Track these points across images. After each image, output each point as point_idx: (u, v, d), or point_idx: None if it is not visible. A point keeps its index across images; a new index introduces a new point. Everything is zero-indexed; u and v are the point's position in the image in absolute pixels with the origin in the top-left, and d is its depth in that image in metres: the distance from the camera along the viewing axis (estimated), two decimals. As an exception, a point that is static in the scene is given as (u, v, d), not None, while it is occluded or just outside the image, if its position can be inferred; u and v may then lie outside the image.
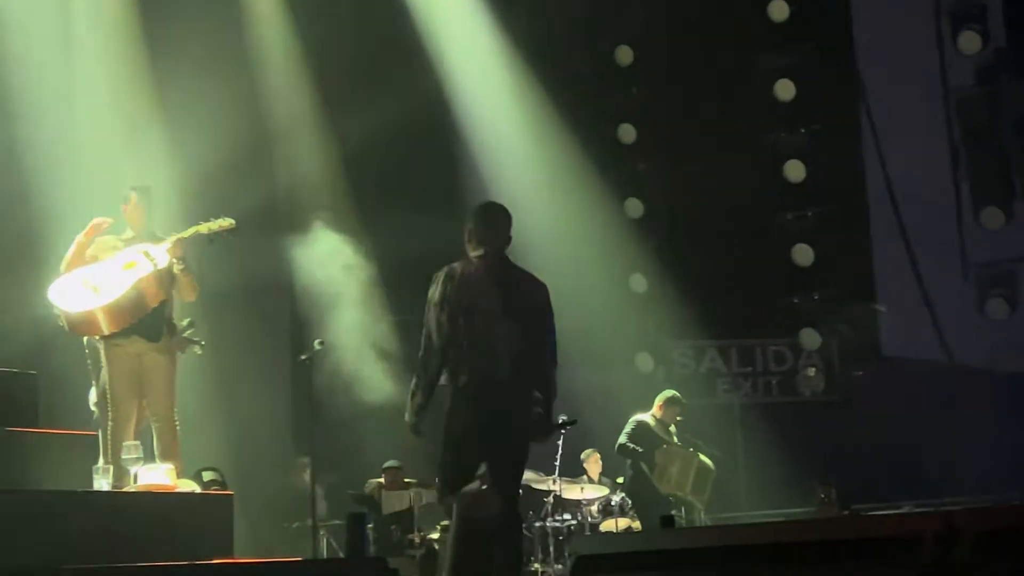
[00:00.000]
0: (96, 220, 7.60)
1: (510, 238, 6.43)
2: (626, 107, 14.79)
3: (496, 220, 6.42)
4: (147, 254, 7.47)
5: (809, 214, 14.32)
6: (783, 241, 14.48)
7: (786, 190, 14.47)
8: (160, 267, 7.44)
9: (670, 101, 14.75)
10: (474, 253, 6.37)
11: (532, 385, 6.25)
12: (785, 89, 14.33)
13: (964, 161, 14.00)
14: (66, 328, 7.42)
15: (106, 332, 7.40)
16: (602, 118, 14.75)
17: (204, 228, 7.67)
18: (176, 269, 7.56)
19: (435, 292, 6.29)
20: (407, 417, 6.39)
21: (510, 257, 6.49)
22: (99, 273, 7.41)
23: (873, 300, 14.84)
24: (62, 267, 7.51)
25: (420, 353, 6.34)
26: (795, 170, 14.34)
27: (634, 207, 14.72)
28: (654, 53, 14.87)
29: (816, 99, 14.59)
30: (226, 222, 7.71)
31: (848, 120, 15.05)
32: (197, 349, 8.29)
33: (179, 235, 7.63)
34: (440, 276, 6.32)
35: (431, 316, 6.28)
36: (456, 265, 6.33)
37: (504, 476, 6.15)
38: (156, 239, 7.68)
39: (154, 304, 7.52)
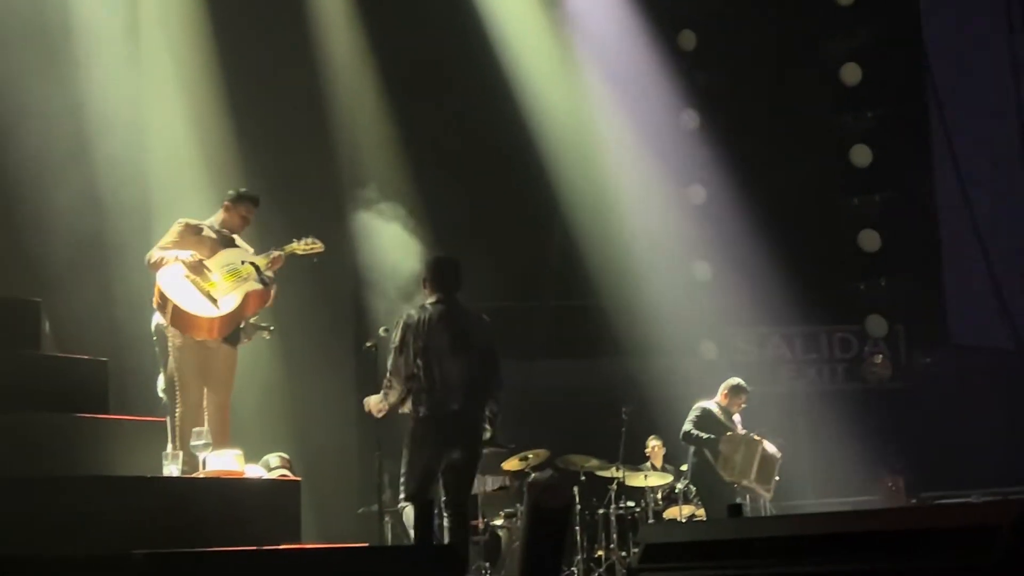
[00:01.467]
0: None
1: (459, 283, 7.57)
2: (689, 92, 14.71)
3: (445, 271, 7.59)
4: (254, 267, 7.57)
5: (876, 199, 14.18)
6: (849, 226, 14.37)
7: (852, 175, 14.35)
8: (267, 284, 7.61)
9: (734, 86, 14.64)
10: (428, 300, 7.53)
11: (481, 410, 7.45)
12: (851, 73, 14.20)
13: (1034, 144, 13.80)
14: (166, 320, 7.47)
15: (211, 337, 7.52)
16: (664, 104, 14.67)
17: (300, 249, 7.89)
18: (271, 284, 7.72)
19: (395, 336, 7.45)
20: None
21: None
22: (209, 277, 7.48)
23: (942, 285, 14.67)
24: (152, 261, 7.56)
25: (383, 388, 7.54)
26: (861, 154, 14.22)
27: (697, 193, 14.65)
28: (717, 38, 14.78)
29: (882, 83, 14.45)
30: (317, 245, 7.94)
31: (915, 103, 14.90)
32: (266, 334, 8.38)
33: (276, 252, 7.76)
34: (400, 322, 7.44)
35: (392, 358, 7.45)
36: (412, 312, 7.48)
37: (458, 487, 7.43)
38: (244, 247, 7.78)
39: (248, 315, 7.72)
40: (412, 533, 6.94)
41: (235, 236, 7.84)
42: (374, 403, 7.64)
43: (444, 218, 12.77)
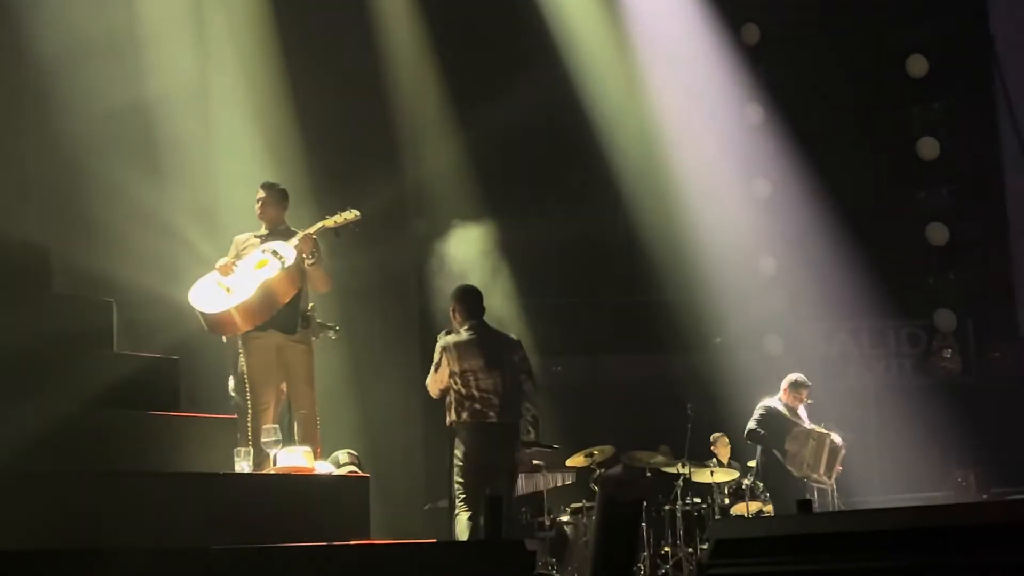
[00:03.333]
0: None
1: (484, 309, 8.44)
2: (753, 86, 14.62)
3: (472, 300, 8.44)
4: (276, 253, 7.65)
5: (943, 192, 14.04)
6: (917, 220, 14.23)
7: (919, 167, 14.21)
8: (288, 264, 7.61)
9: (798, 79, 14.53)
10: (462, 327, 8.32)
11: (516, 419, 8.29)
12: (918, 64, 14.06)
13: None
14: (206, 328, 7.65)
15: (242, 330, 7.64)
16: (729, 98, 14.60)
17: (331, 222, 7.88)
18: (306, 264, 7.72)
19: (436, 358, 8.29)
20: None
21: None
22: (235, 273, 7.62)
23: (1011, 279, 14.49)
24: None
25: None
26: (929, 147, 14.08)
27: (762, 187, 14.57)
28: (780, 31, 14.68)
29: (949, 74, 14.31)
30: (351, 214, 7.92)
31: (983, 95, 14.74)
32: (332, 334, 8.46)
33: (306, 231, 7.80)
34: (439, 347, 8.28)
35: (431, 376, 8.34)
36: (449, 338, 8.29)
37: (502, 490, 8.12)
38: (288, 235, 7.85)
39: (285, 300, 7.69)
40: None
41: (288, 228, 7.95)
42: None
43: (507, 217, 12.82)
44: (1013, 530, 4.30)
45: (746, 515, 11.06)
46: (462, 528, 8.05)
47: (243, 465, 6.71)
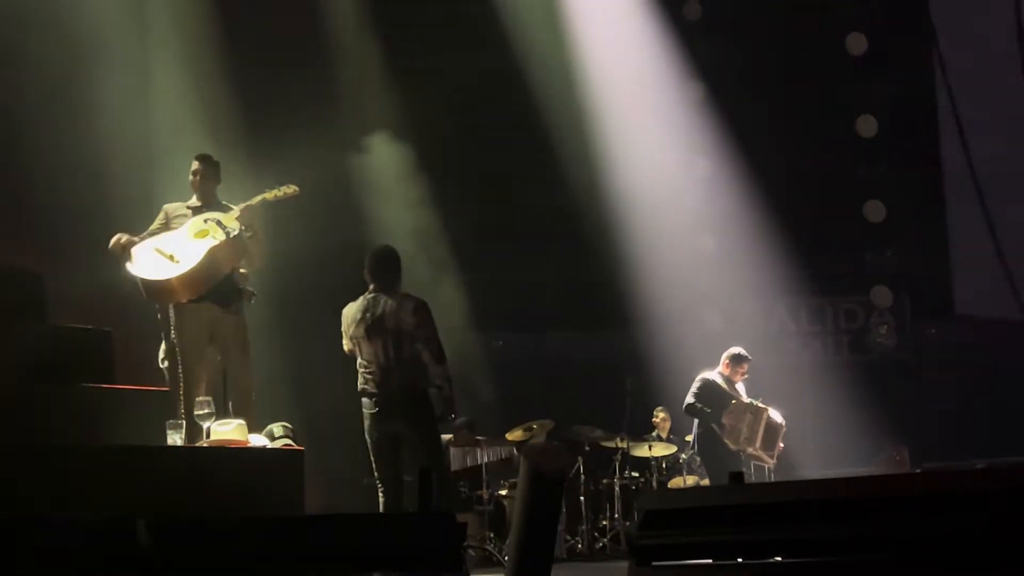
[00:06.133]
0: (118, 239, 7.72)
1: (391, 273, 7.98)
2: (694, 63, 14.64)
3: (375, 263, 7.99)
4: (218, 223, 7.65)
5: (882, 169, 14.15)
6: (855, 197, 14.34)
7: (858, 145, 14.31)
8: (232, 236, 7.62)
9: (739, 57, 14.58)
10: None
11: (406, 387, 7.80)
12: (857, 43, 14.14)
13: (1041, 115, 13.74)
14: (144, 296, 7.60)
15: (183, 300, 7.61)
16: (669, 75, 14.62)
17: (270, 195, 7.90)
18: (245, 236, 7.71)
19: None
20: None
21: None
22: (172, 242, 7.59)
23: (947, 256, 14.65)
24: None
25: None
26: (867, 125, 14.17)
27: (702, 165, 14.62)
28: (722, 8, 14.71)
29: (888, 52, 14.39)
30: (290, 189, 7.97)
31: (922, 74, 14.83)
32: (251, 300, 8.40)
33: (247, 203, 7.83)
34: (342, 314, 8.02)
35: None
36: (351, 304, 8.00)
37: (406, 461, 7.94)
38: (224, 207, 7.83)
39: (227, 271, 7.73)
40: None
41: (221, 201, 7.93)
42: None
43: (449, 192, 12.80)
44: (937, 500, 4.35)
45: (683, 487, 11.14)
46: (381, 502, 7.97)
47: (175, 438, 6.67)
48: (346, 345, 8.05)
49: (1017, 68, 13.96)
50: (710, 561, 4.69)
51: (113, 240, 7.65)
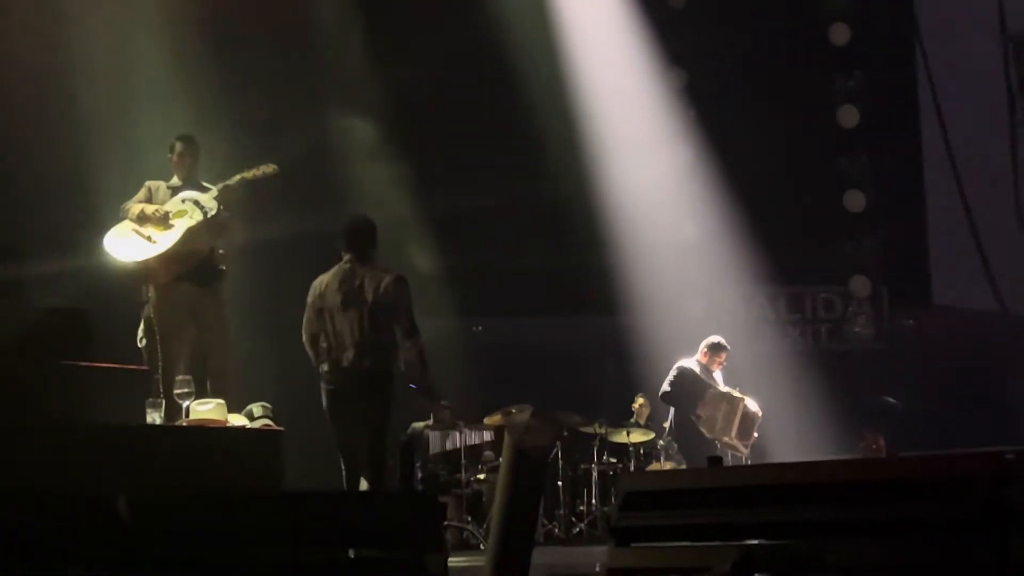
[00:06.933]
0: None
1: (367, 243, 7.73)
2: (677, 52, 14.63)
3: (351, 232, 7.76)
4: (197, 203, 7.67)
5: (862, 160, 14.19)
6: (835, 187, 14.38)
7: (839, 135, 14.34)
8: (210, 215, 7.66)
9: (722, 46, 14.57)
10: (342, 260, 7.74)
11: (381, 364, 7.58)
12: (840, 33, 14.16)
13: (1021, 107, 13.81)
14: (123, 276, 7.60)
15: (162, 280, 7.64)
16: (653, 62, 14.61)
17: (249, 175, 7.92)
18: (224, 216, 7.76)
19: (308, 297, 7.77)
20: None
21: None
22: (152, 222, 7.57)
23: (926, 247, 14.71)
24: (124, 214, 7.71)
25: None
26: (849, 115, 14.21)
27: (684, 153, 14.62)
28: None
29: (871, 44, 14.41)
30: (269, 168, 7.98)
31: (904, 65, 14.88)
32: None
33: (225, 183, 7.85)
34: (312, 284, 7.76)
35: (304, 316, 7.78)
36: (323, 275, 7.75)
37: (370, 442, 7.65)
38: (203, 188, 7.84)
39: (205, 251, 7.76)
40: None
41: (201, 181, 7.92)
42: None
43: (430, 177, 12.79)
44: (918, 485, 4.38)
45: (660, 473, 11.19)
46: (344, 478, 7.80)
47: (155, 416, 6.66)
48: (309, 321, 7.73)
49: (999, 60, 14.04)
50: (689, 543, 4.71)
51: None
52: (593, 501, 11.65)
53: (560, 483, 11.59)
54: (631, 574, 4.64)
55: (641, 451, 11.92)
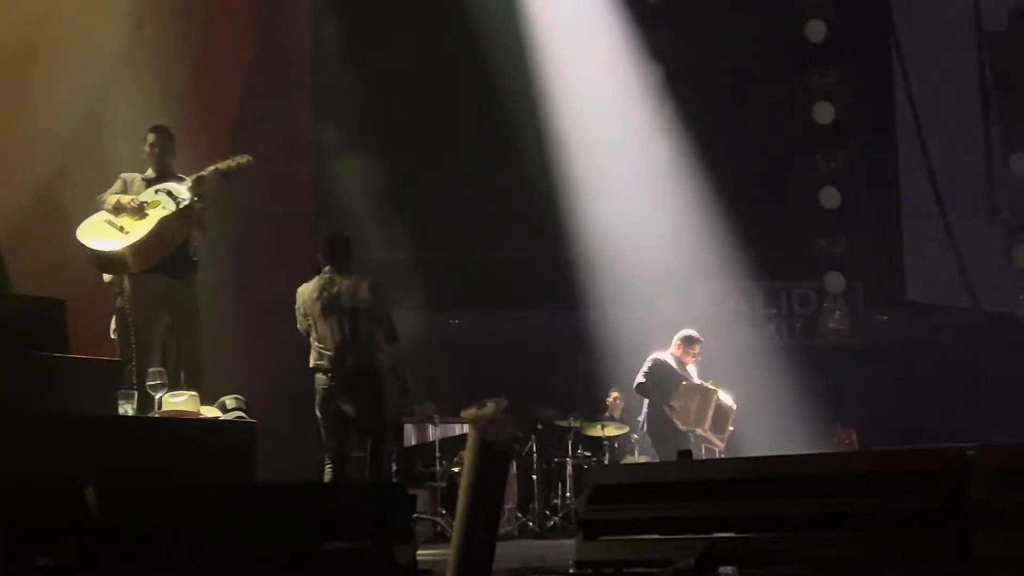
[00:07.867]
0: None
1: (345, 256, 8.40)
2: (654, 46, 14.65)
3: (331, 247, 8.45)
4: (170, 194, 7.66)
5: (838, 156, 14.25)
6: (811, 183, 14.44)
7: (815, 132, 14.40)
8: (183, 206, 7.63)
9: (699, 42, 14.61)
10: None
11: (362, 369, 8.22)
12: (816, 30, 14.21)
13: (995, 106, 13.90)
14: (96, 266, 7.60)
15: (134, 271, 7.62)
16: (630, 57, 14.63)
17: (223, 166, 7.91)
18: (197, 207, 7.73)
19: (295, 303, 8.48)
20: None
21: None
22: (127, 212, 7.57)
23: (900, 243, 14.80)
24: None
25: None
26: (824, 112, 14.26)
27: (660, 147, 14.65)
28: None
29: (847, 41, 14.47)
30: (243, 159, 7.98)
31: (879, 63, 14.95)
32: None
33: (199, 174, 7.82)
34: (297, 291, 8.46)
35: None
36: (306, 284, 8.43)
37: (346, 436, 8.44)
38: (178, 178, 7.82)
39: (178, 242, 7.73)
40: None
41: (175, 172, 7.90)
42: None
43: (402, 170, 12.80)
44: (887, 479, 4.42)
45: (633, 466, 11.22)
46: (327, 476, 8.37)
47: (127, 408, 6.65)
48: (300, 324, 8.42)
49: (974, 58, 14.12)
50: (657, 536, 4.75)
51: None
52: (567, 495, 11.67)
53: (535, 477, 11.62)
54: (598, 566, 4.68)
55: (615, 445, 11.96)
